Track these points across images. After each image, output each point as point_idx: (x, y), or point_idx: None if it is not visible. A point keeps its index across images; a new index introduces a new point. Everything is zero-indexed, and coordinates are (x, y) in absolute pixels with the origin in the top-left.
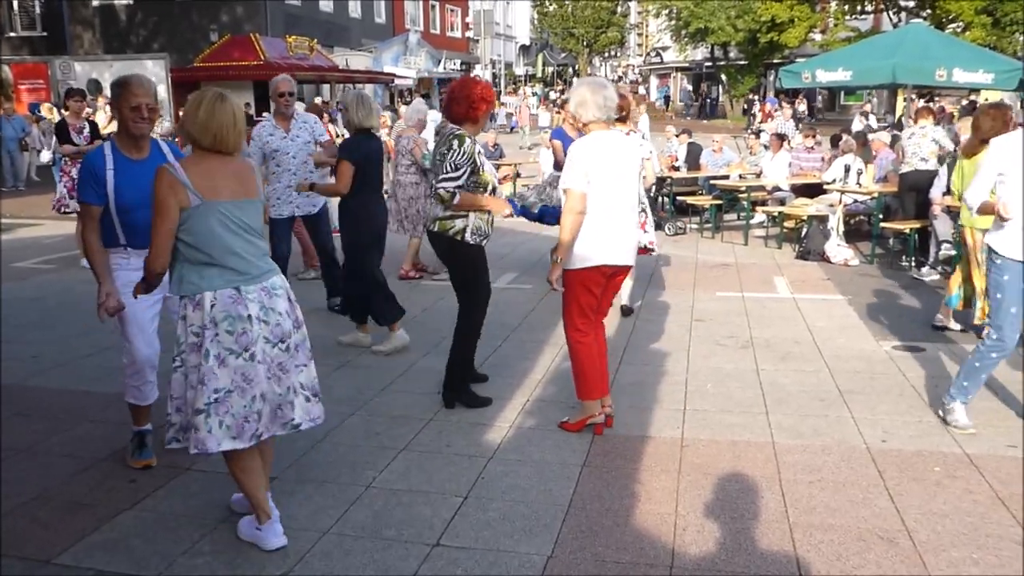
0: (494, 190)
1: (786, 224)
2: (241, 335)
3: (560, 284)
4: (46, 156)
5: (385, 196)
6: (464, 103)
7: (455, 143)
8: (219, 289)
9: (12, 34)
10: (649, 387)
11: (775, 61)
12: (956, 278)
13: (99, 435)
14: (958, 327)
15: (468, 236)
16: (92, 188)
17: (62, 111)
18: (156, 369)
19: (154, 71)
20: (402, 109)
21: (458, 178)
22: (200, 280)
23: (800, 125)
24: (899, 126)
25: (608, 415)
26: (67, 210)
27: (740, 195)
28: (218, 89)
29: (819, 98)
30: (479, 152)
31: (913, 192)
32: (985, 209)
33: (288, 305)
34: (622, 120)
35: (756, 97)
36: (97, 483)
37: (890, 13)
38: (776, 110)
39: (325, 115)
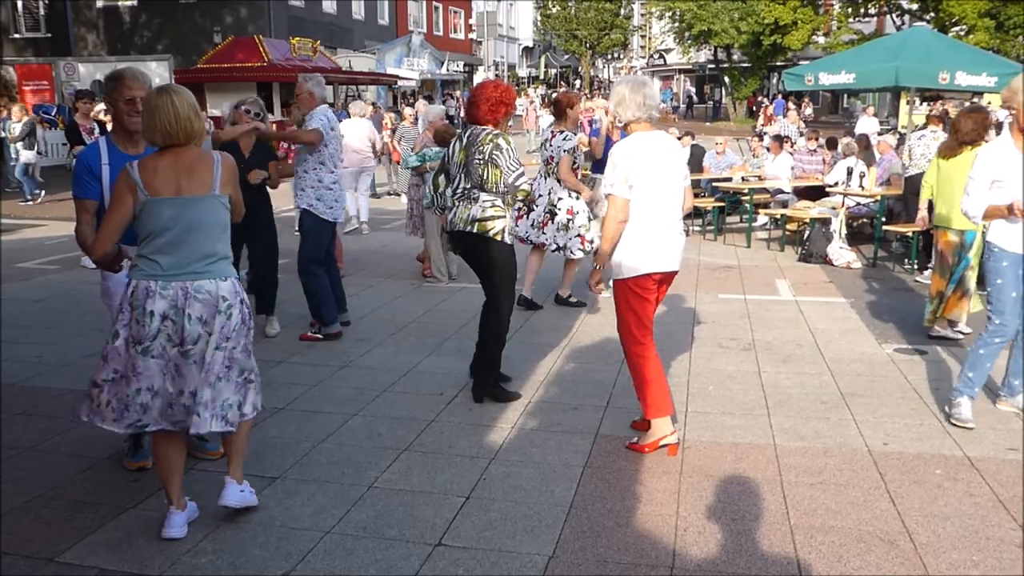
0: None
1: (788, 227)
2: (140, 327)
3: (598, 287)
4: (28, 156)
5: (400, 196)
6: (484, 105)
7: (501, 141)
8: (139, 280)
9: (16, 35)
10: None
11: (778, 63)
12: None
13: (101, 435)
14: (949, 333)
15: (506, 236)
16: (87, 183)
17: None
18: None
19: (158, 72)
20: (407, 111)
21: (523, 173)
22: (134, 268)
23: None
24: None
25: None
26: None
27: (743, 197)
28: (166, 84)
29: (821, 101)
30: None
31: (918, 195)
32: (991, 214)
33: (208, 312)
34: (558, 119)
35: (765, 99)
36: (100, 482)
37: (893, 16)
38: (784, 112)
39: None
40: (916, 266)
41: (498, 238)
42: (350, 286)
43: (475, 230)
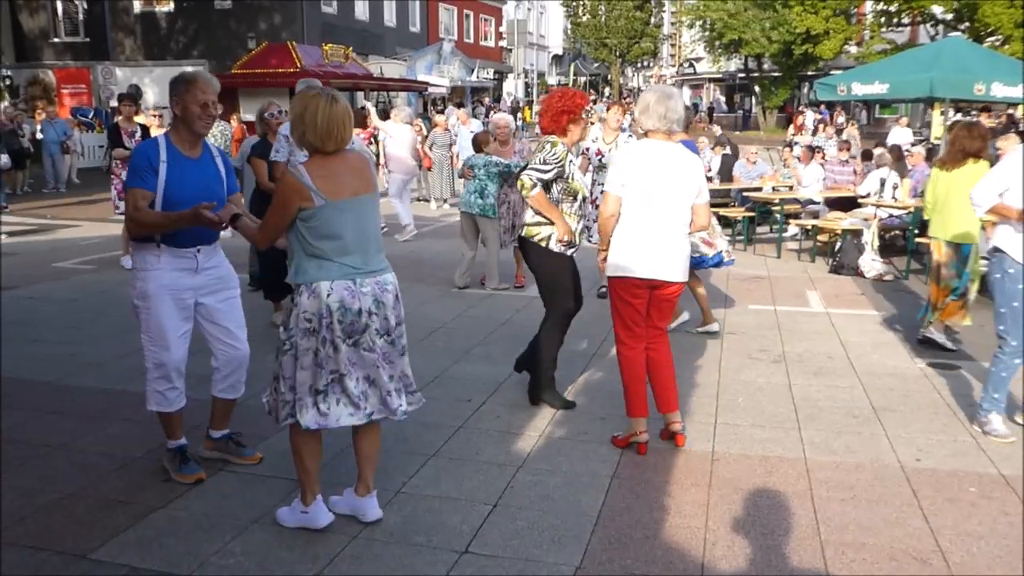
0: (584, 200)
1: (819, 238)
2: (350, 325)
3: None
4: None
5: (429, 202)
6: (546, 117)
7: (548, 145)
8: (335, 280)
9: (56, 39)
10: (680, 400)
11: (809, 73)
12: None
13: (133, 434)
14: (945, 340)
15: (552, 244)
16: (147, 175)
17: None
18: (184, 376)
19: None
20: (437, 118)
21: (543, 172)
22: (318, 271)
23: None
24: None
25: (676, 432)
26: (118, 212)
27: (773, 208)
28: (326, 90)
29: (853, 111)
30: (571, 162)
31: None
32: (999, 211)
33: (395, 301)
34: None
35: (804, 108)
36: (131, 481)
37: (927, 26)
38: (827, 122)
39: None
40: None
41: (543, 244)
42: None
43: (524, 234)
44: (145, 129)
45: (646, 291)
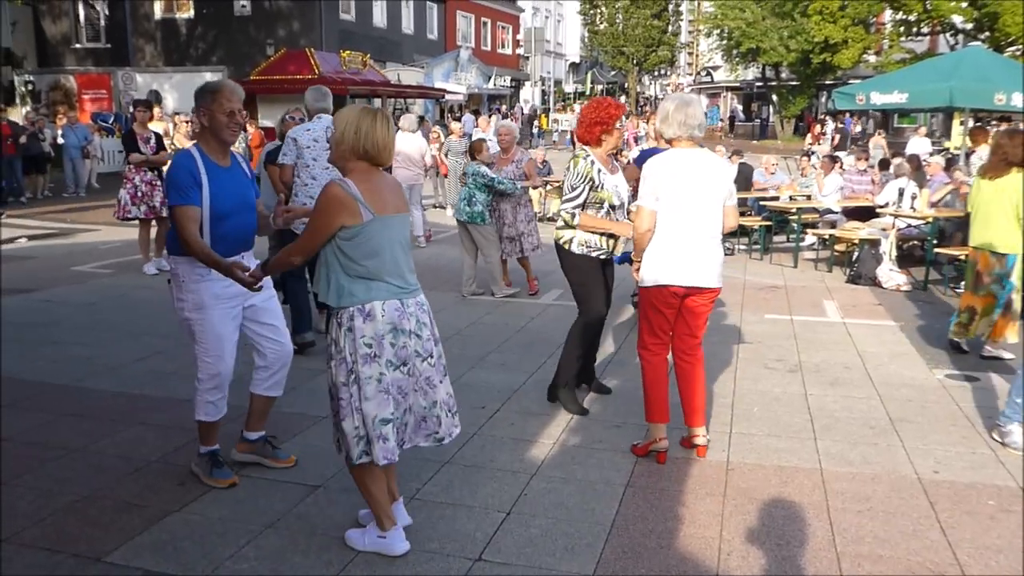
0: (612, 207)
1: (837, 247)
2: (401, 348)
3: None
4: None
5: (446, 209)
6: (580, 128)
7: (571, 164)
8: (387, 300)
9: (78, 45)
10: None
11: (827, 82)
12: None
13: (149, 438)
14: (1002, 353)
15: (575, 247)
16: (192, 190)
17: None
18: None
19: None
20: (453, 125)
21: (575, 198)
22: (367, 292)
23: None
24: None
25: (698, 444)
26: (130, 216)
27: (790, 217)
28: (369, 107)
29: (871, 121)
30: (599, 171)
31: None
32: None
33: (430, 321)
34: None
35: (825, 116)
36: (147, 485)
37: (946, 36)
38: (847, 134)
39: None
40: None
41: (566, 247)
42: None
43: (554, 238)
44: (159, 136)
45: (678, 299)
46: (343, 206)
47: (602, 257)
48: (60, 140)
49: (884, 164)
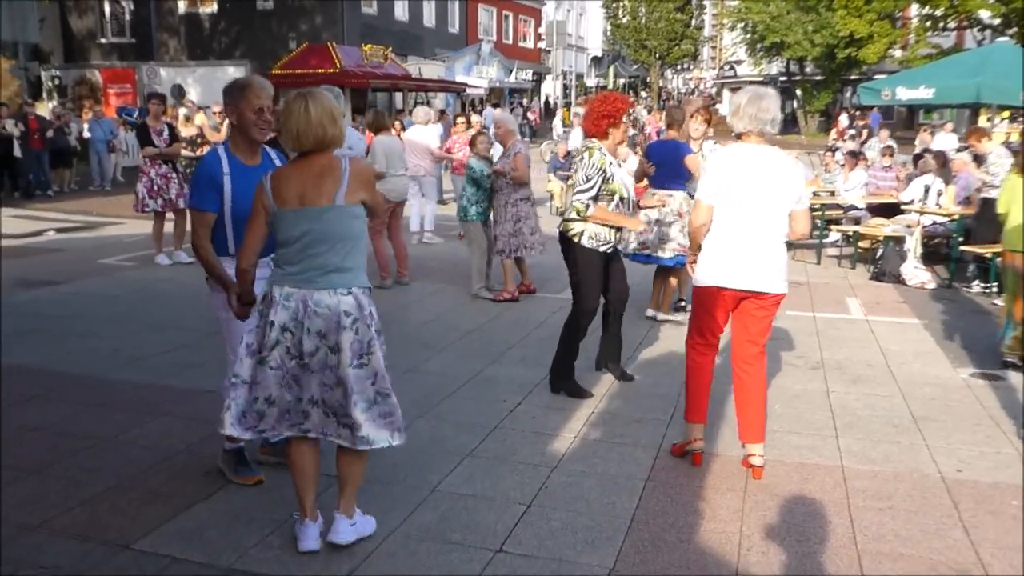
0: (622, 200)
1: (861, 244)
2: (261, 335)
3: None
4: None
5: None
6: (588, 120)
7: (585, 155)
8: (275, 285)
9: (103, 40)
10: (715, 405)
11: (852, 77)
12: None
13: (176, 429)
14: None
15: (584, 240)
16: (207, 194)
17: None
18: None
19: (235, 77)
20: (474, 118)
21: (590, 189)
22: (273, 273)
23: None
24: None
25: (754, 465)
26: (147, 209)
27: (814, 213)
28: (302, 90)
29: (896, 116)
30: (611, 163)
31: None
32: None
33: (328, 327)
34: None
35: (856, 112)
36: (174, 474)
37: (974, 31)
38: (874, 131)
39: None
40: (995, 289)
41: (575, 239)
42: (414, 292)
43: (560, 228)
44: (171, 127)
45: (731, 302)
46: (259, 200)
47: (608, 251)
48: (86, 134)
49: (916, 159)
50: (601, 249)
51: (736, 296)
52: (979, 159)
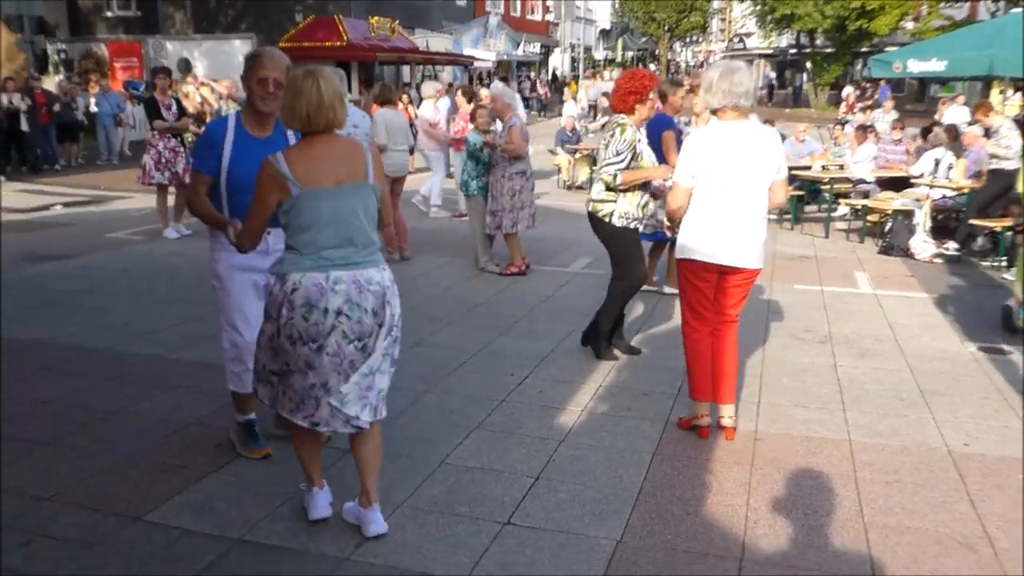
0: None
1: (869, 218)
2: (313, 326)
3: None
4: None
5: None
6: (615, 96)
7: (617, 131)
8: (307, 272)
9: (109, 14)
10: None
11: (863, 50)
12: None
13: (186, 401)
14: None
15: (615, 220)
16: (207, 156)
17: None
18: None
19: (241, 50)
20: (482, 92)
21: (619, 163)
22: (292, 264)
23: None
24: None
25: (725, 426)
26: (152, 182)
27: (822, 187)
28: (309, 67)
29: (906, 88)
30: (639, 140)
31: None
32: None
33: (378, 304)
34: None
35: (868, 85)
36: (184, 447)
37: (987, 1)
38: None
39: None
40: (1004, 262)
41: (606, 219)
42: (421, 265)
43: (590, 209)
44: (179, 101)
45: (714, 275)
46: (273, 182)
47: (638, 228)
48: (93, 108)
49: (925, 133)
50: (632, 226)
51: (717, 269)
52: (988, 133)
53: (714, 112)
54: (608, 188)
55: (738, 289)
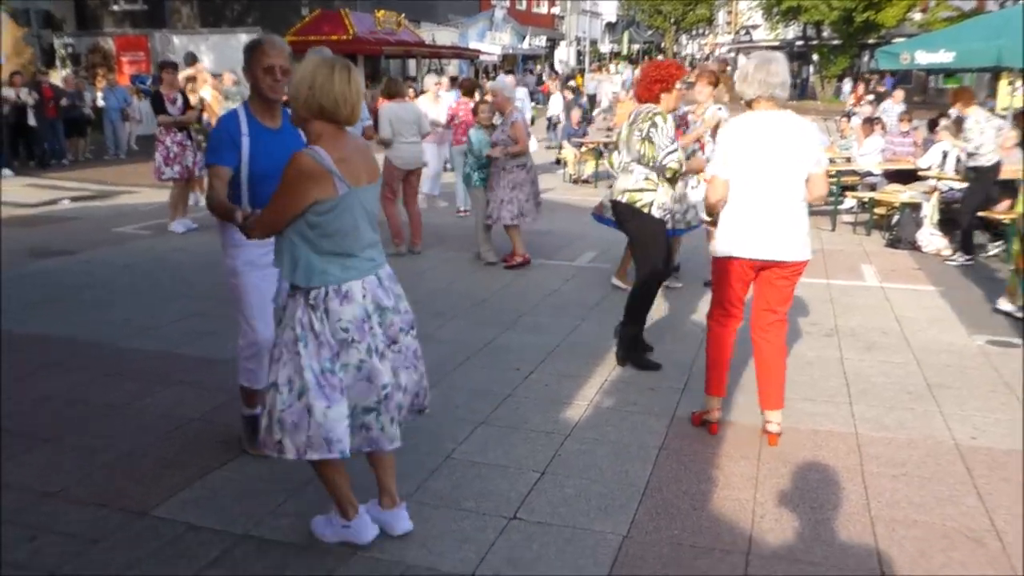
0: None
1: (876, 211)
2: (390, 327)
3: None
4: None
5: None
6: (641, 85)
7: (659, 120)
8: (366, 277)
9: (115, 8)
10: (729, 372)
11: (870, 41)
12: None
13: (189, 397)
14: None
15: (655, 210)
16: (227, 152)
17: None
18: None
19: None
20: (488, 85)
21: (676, 150)
22: (345, 271)
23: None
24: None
25: (771, 432)
26: (164, 177)
27: (830, 179)
28: (333, 58)
29: (913, 80)
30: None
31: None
32: None
33: (397, 299)
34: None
35: (874, 77)
36: (187, 442)
37: None
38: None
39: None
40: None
41: (645, 211)
42: (427, 259)
43: (625, 200)
44: (185, 96)
45: (753, 272)
46: (314, 179)
47: (668, 219)
48: (100, 103)
49: (932, 126)
50: (666, 219)
51: (756, 266)
52: (960, 123)
53: (749, 103)
54: (668, 178)
55: (785, 282)
